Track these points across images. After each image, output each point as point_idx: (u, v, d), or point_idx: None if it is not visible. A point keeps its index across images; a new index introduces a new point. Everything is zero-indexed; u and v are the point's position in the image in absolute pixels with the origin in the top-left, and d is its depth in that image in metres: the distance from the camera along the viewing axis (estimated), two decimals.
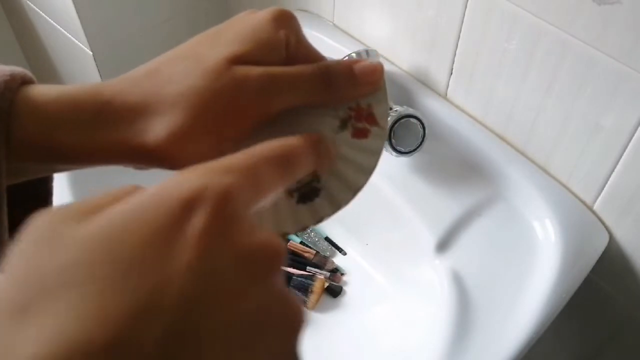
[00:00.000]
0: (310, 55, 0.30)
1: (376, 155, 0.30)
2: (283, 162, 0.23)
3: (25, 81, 0.28)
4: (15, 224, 0.30)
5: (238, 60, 0.27)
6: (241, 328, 0.17)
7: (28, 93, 0.27)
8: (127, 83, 0.28)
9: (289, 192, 0.29)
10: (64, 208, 0.18)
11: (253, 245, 0.18)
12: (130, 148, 0.27)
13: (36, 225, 0.18)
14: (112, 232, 0.17)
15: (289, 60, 0.29)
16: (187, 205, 0.18)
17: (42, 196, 0.33)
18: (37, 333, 0.15)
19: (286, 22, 0.29)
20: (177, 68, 0.28)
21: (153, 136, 0.26)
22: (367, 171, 0.30)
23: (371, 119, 0.30)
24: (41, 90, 0.28)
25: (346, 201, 0.30)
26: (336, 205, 0.30)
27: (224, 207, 0.18)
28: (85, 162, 0.28)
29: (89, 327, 0.15)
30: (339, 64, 0.30)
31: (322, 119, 0.30)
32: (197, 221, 0.17)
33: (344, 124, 0.30)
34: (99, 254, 0.17)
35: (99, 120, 0.27)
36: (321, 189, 0.29)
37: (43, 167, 0.30)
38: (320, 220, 0.30)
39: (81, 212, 0.18)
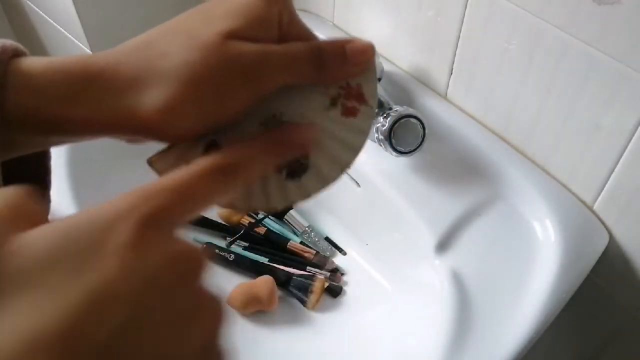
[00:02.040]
0: (302, 33, 0.30)
1: (364, 134, 0.31)
2: (223, 174, 0.24)
3: (17, 54, 0.28)
4: None
5: (232, 35, 0.27)
6: (173, 320, 0.20)
7: (19, 65, 0.27)
8: (119, 55, 0.28)
9: (278, 169, 0.30)
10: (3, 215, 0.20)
11: (176, 252, 0.21)
12: (122, 119, 0.27)
13: None
14: (57, 238, 0.20)
15: (281, 38, 0.29)
16: (119, 219, 0.20)
17: (39, 174, 0.33)
18: None
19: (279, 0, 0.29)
20: (171, 42, 0.28)
21: (146, 108, 0.27)
22: (355, 149, 0.31)
23: (360, 98, 0.31)
24: (32, 62, 0.28)
25: (334, 178, 0.31)
26: (324, 182, 0.30)
27: (147, 224, 0.20)
28: (77, 134, 0.29)
29: (46, 321, 0.18)
30: (330, 43, 0.30)
31: (313, 96, 0.30)
32: (126, 231, 0.20)
33: (334, 102, 0.30)
34: (47, 260, 0.19)
35: (91, 92, 0.27)
36: (309, 165, 0.30)
37: (35, 140, 0.29)
38: (308, 196, 0.30)
39: (17, 218, 0.20)
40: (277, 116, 0.30)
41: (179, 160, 0.29)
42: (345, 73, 0.30)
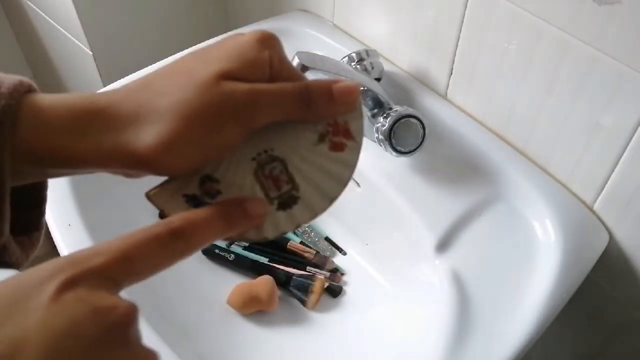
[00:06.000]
0: (292, 75, 0.32)
1: (351, 167, 0.33)
2: (168, 241, 0.27)
3: (31, 89, 0.30)
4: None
5: (225, 76, 0.29)
6: None
7: (30, 99, 0.29)
8: (121, 94, 0.30)
9: (270, 199, 0.32)
10: None
11: (100, 308, 0.23)
12: (121, 154, 0.28)
13: None
14: None
15: (272, 79, 0.31)
16: (45, 280, 0.23)
17: (36, 203, 0.35)
18: None
19: (270, 43, 0.31)
20: (169, 82, 0.30)
21: (143, 143, 0.28)
22: (342, 182, 0.33)
23: (347, 134, 0.33)
24: (41, 97, 0.29)
25: (322, 209, 0.33)
26: (313, 213, 0.32)
27: (67, 285, 0.23)
28: (78, 167, 0.30)
29: None
30: (318, 83, 0.32)
31: (302, 133, 0.32)
32: (48, 289, 0.22)
33: (322, 138, 0.32)
34: None
35: (93, 127, 0.29)
36: (299, 197, 0.32)
37: (37, 171, 0.31)
38: (298, 226, 0.32)
39: None
40: (268, 151, 0.32)
41: (176, 193, 0.31)
42: (332, 111, 0.32)
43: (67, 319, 0.22)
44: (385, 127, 0.63)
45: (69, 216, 0.63)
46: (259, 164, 0.32)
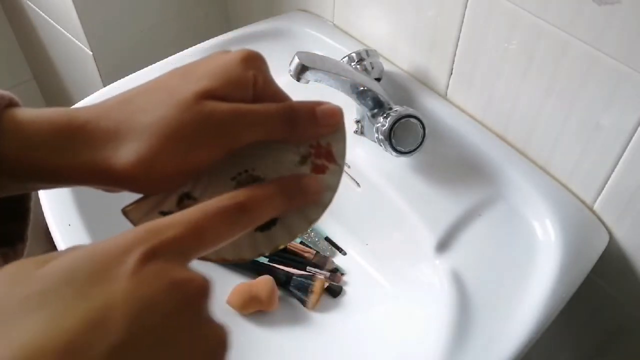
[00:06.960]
0: (276, 95, 0.32)
1: (332, 190, 0.32)
2: (234, 214, 0.27)
3: (12, 103, 0.30)
4: None
5: (207, 95, 0.29)
6: (174, 344, 0.22)
7: (11, 114, 0.29)
8: (102, 109, 0.30)
9: None
10: (27, 258, 0.23)
11: (178, 280, 0.23)
12: (100, 171, 0.28)
13: (5, 270, 0.22)
14: (66, 269, 0.22)
15: (256, 99, 0.31)
16: (127, 250, 0.23)
17: (20, 215, 0.34)
18: (2, 343, 0.19)
19: (255, 62, 0.31)
20: (150, 99, 0.29)
21: (122, 160, 0.28)
22: (323, 205, 0.32)
23: (330, 156, 0.32)
24: (22, 112, 0.29)
25: (301, 231, 0.32)
26: (292, 234, 0.32)
27: (149, 256, 0.23)
28: (57, 183, 0.30)
29: (47, 336, 0.20)
30: (302, 105, 0.32)
31: (284, 154, 0.32)
32: (131, 260, 0.22)
33: (304, 160, 0.32)
34: (54, 286, 0.21)
35: (73, 143, 0.28)
36: (279, 218, 0.32)
37: (16, 185, 0.31)
38: (276, 247, 0.32)
39: (40, 260, 0.23)
40: (249, 171, 0.31)
41: (153, 210, 0.30)
42: (315, 133, 0.32)
43: (148, 292, 0.22)
44: (385, 127, 0.63)
45: (69, 216, 0.63)
46: (238, 184, 0.31)
